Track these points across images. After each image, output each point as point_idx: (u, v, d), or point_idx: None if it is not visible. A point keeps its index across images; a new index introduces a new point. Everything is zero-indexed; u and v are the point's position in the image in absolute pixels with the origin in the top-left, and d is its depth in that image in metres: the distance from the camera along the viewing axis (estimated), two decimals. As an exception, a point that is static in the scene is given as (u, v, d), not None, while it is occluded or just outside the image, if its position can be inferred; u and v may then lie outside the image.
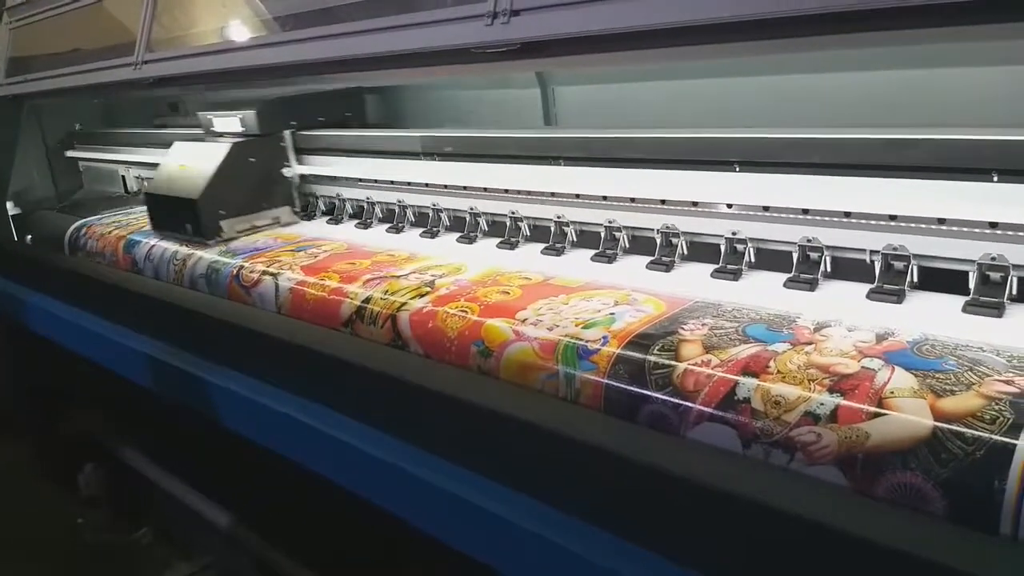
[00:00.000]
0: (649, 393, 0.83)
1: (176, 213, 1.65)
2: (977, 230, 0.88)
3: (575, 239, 1.29)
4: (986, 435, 0.64)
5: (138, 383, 1.61)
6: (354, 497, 1.12)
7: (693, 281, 1.08)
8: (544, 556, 0.86)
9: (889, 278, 0.95)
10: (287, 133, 1.75)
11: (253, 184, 1.69)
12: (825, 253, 1.00)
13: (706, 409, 0.79)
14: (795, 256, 1.03)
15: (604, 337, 0.91)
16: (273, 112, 1.73)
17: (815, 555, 0.66)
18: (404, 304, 1.12)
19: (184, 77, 1.76)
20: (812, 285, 1.00)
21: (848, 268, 1.00)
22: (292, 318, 1.29)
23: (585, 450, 0.82)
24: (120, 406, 2.08)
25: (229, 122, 1.78)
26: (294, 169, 1.75)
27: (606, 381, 0.87)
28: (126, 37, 1.97)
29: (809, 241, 1.01)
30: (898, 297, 0.93)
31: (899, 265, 0.94)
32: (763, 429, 0.74)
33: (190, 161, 1.73)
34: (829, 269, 1.01)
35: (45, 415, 2.56)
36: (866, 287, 0.96)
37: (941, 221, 0.90)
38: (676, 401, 0.81)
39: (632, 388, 0.85)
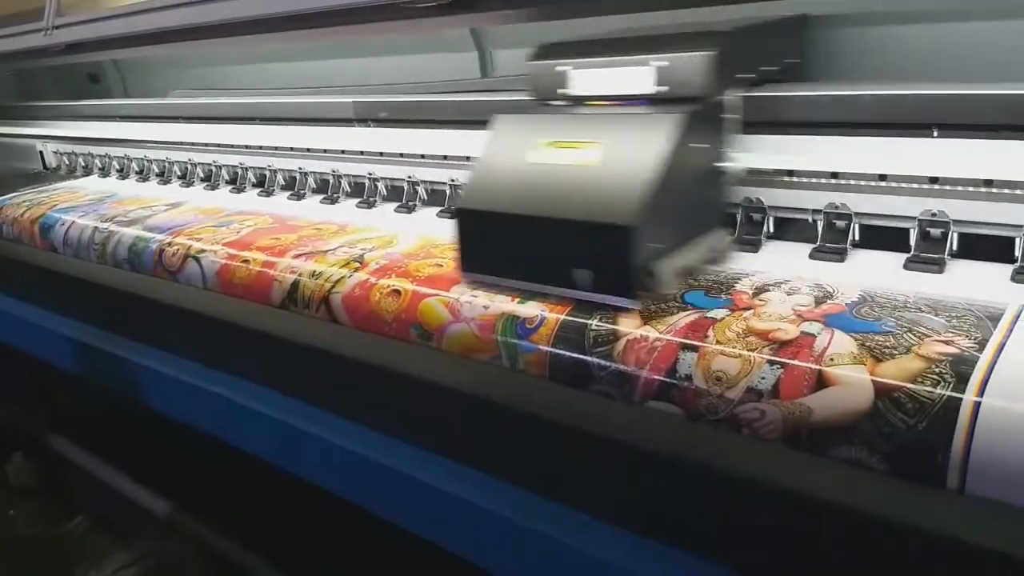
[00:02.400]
0: (592, 373, 0.81)
1: (560, 248, 0.86)
2: (916, 186, 0.88)
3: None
4: (928, 403, 0.63)
5: (64, 368, 1.54)
6: (295, 478, 1.08)
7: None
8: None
9: (831, 237, 0.94)
10: (734, 96, 0.95)
11: (692, 192, 0.92)
12: (768, 213, 0.99)
13: (649, 388, 0.77)
14: (738, 217, 1.01)
15: (541, 315, 0.88)
16: (727, 56, 0.91)
17: (763, 514, 0.65)
18: (335, 287, 1.06)
19: (99, 42, 1.65)
20: (755, 246, 0.98)
21: (790, 228, 0.99)
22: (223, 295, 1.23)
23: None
24: (47, 392, 1.99)
25: (624, 77, 0.95)
26: (740, 159, 0.97)
27: (548, 362, 0.85)
28: (35, 2, 1.86)
29: (752, 202, 1.00)
30: (841, 256, 0.92)
31: (841, 224, 0.94)
32: (707, 406, 0.72)
33: (568, 154, 0.89)
34: (771, 229, 1.00)
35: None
36: (808, 247, 0.95)
37: (882, 177, 0.89)
38: (618, 383, 0.79)
39: (574, 370, 0.83)
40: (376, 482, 0.96)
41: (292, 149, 1.57)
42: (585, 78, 0.99)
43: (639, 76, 0.94)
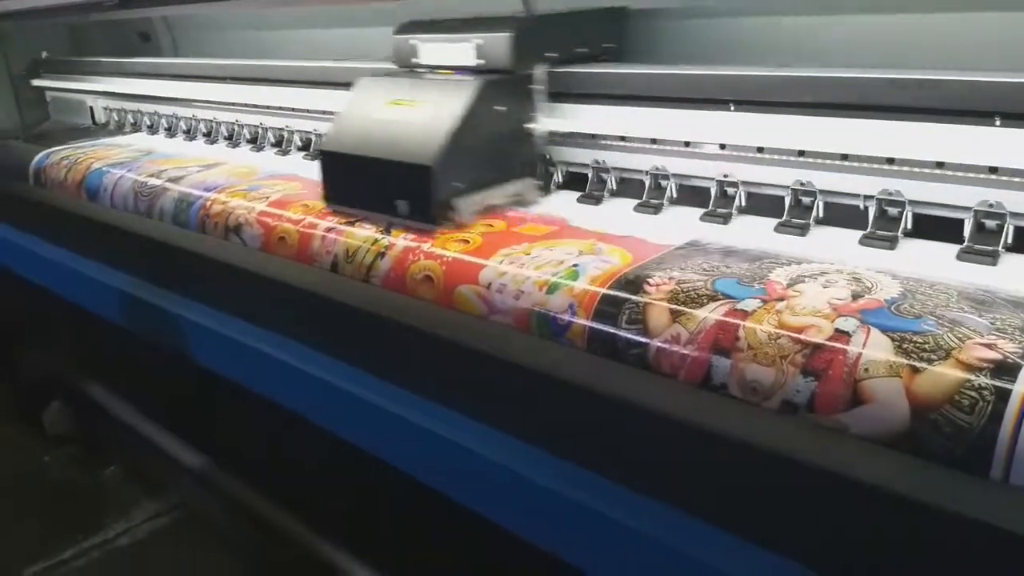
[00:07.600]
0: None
1: (384, 183, 1.12)
2: (972, 175, 0.87)
3: (560, 180, 1.26)
4: (964, 424, 0.61)
5: (108, 318, 1.57)
6: (329, 435, 1.09)
7: (682, 224, 1.06)
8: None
9: (883, 224, 0.93)
10: (541, 70, 1.18)
11: (495, 145, 1.15)
12: (818, 197, 0.98)
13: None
14: (787, 200, 1.00)
15: (571, 306, 0.87)
16: (528, 38, 1.17)
17: (811, 497, 0.65)
18: (370, 271, 1.08)
19: (155, -2, 1.66)
20: (803, 230, 0.98)
21: (841, 213, 0.97)
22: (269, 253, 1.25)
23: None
24: (88, 342, 2.03)
25: (452, 51, 1.22)
26: (544, 123, 1.21)
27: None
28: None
29: (802, 184, 0.99)
30: (891, 244, 0.91)
31: (893, 211, 0.92)
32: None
33: (399, 111, 1.15)
34: (821, 214, 0.98)
35: (9, 352, 2.50)
36: (859, 233, 0.94)
37: (940, 165, 0.88)
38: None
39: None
40: (411, 440, 0.97)
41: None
42: (429, 51, 1.27)
43: (464, 51, 1.21)
